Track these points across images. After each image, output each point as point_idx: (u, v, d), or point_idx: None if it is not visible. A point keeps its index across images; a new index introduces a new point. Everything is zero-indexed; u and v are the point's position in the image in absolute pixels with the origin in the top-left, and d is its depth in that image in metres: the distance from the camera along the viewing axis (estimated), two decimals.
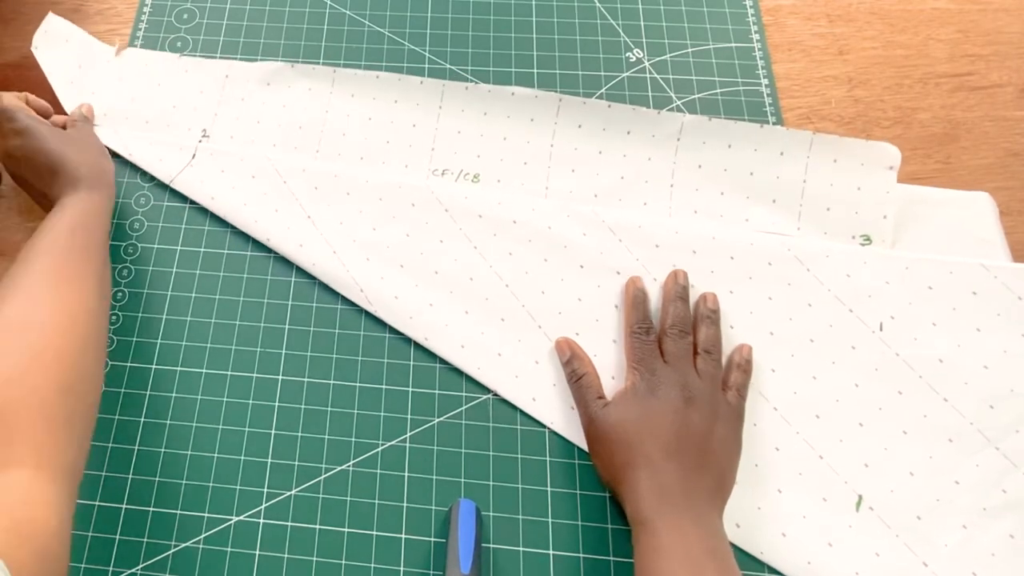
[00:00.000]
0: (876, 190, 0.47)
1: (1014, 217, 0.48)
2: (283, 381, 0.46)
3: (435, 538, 0.41)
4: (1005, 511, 0.40)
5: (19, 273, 0.39)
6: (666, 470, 0.38)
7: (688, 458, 0.38)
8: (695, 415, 0.39)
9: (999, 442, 0.41)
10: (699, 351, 0.43)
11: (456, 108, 0.52)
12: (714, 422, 0.40)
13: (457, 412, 0.45)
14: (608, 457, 0.40)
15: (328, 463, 0.43)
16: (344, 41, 0.56)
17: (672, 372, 0.41)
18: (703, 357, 0.42)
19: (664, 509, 0.37)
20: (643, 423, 0.40)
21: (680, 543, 0.35)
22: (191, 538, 0.42)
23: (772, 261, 0.46)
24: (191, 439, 0.44)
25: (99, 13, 0.59)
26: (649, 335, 0.43)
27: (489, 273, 0.47)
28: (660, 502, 0.37)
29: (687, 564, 0.35)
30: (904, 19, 0.56)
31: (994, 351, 0.43)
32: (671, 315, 0.44)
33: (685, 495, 0.37)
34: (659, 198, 0.49)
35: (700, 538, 0.36)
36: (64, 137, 0.48)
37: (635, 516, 0.37)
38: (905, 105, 0.53)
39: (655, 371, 0.41)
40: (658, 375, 0.41)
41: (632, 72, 0.54)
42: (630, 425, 0.40)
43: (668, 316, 0.44)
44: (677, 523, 0.36)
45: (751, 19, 0.56)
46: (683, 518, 0.36)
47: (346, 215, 0.49)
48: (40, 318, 0.37)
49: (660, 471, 0.38)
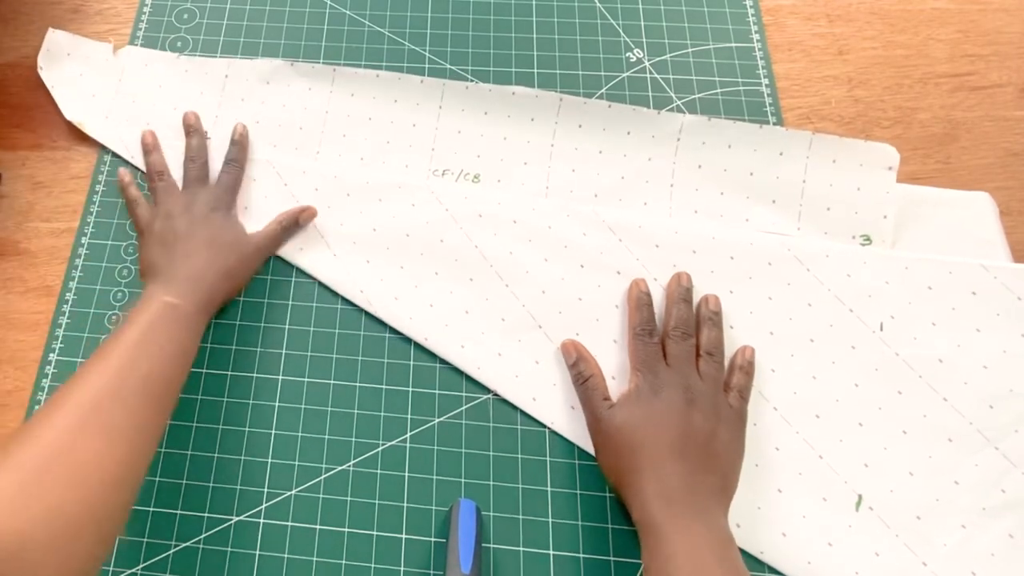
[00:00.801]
0: (876, 190, 0.47)
1: (1014, 217, 0.48)
2: (283, 381, 0.46)
3: (435, 538, 0.41)
4: (1004, 511, 0.40)
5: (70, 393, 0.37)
6: (671, 472, 0.38)
7: (693, 459, 0.38)
8: (698, 417, 0.39)
9: (998, 442, 0.41)
10: (701, 353, 0.43)
11: (456, 107, 0.52)
12: (717, 424, 0.40)
13: (457, 412, 0.45)
14: (614, 460, 0.40)
15: (328, 463, 0.43)
16: (344, 41, 0.56)
17: (675, 374, 0.41)
18: (705, 359, 0.42)
19: (672, 512, 0.37)
20: (647, 425, 0.40)
21: (689, 546, 0.35)
22: (191, 538, 0.42)
23: (772, 261, 0.47)
24: (191, 439, 0.44)
25: (99, 13, 0.59)
26: (652, 337, 0.43)
27: (489, 273, 0.47)
28: (667, 505, 0.37)
29: (697, 568, 0.34)
30: (904, 19, 0.56)
31: (994, 351, 0.43)
32: (674, 317, 0.44)
33: (691, 496, 0.37)
34: (659, 198, 0.49)
35: (708, 541, 0.36)
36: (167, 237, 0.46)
37: (642, 520, 0.37)
38: (905, 105, 0.53)
39: (658, 373, 0.41)
40: (661, 377, 0.41)
41: (632, 72, 0.54)
42: (634, 427, 0.40)
43: (671, 318, 0.44)
44: (685, 526, 0.36)
45: (751, 19, 0.56)
46: (691, 521, 0.36)
47: (346, 216, 0.49)
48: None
49: (665, 473, 0.38)
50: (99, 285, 0.49)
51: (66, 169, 0.53)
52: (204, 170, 0.50)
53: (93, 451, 0.34)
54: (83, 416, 0.35)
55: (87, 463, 0.34)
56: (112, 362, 0.38)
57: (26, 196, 0.52)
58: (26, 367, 0.47)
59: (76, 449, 0.34)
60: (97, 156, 0.53)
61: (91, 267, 0.49)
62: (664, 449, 0.39)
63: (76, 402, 0.36)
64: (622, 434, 0.40)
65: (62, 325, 0.48)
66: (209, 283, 0.44)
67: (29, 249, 0.51)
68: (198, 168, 0.50)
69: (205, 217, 0.47)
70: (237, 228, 0.48)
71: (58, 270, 0.50)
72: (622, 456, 0.40)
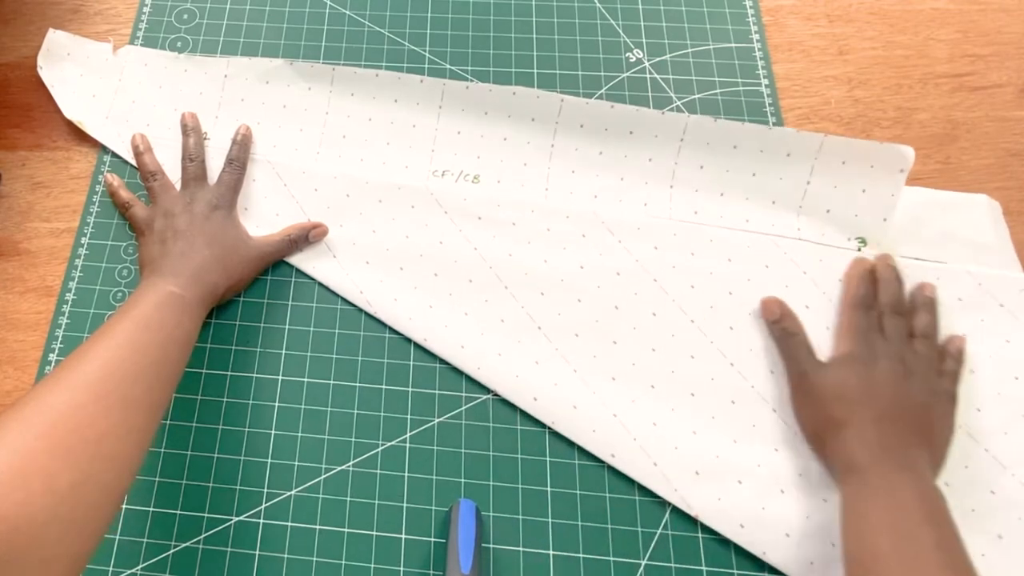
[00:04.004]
0: (881, 193, 0.46)
1: (1014, 217, 0.48)
2: (283, 381, 0.46)
3: (435, 538, 0.41)
4: (994, 512, 0.40)
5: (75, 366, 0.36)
6: (885, 432, 0.38)
7: (905, 426, 0.39)
8: (914, 389, 0.40)
9: (988, 444, 0.42)
10: (916, 335, 0.43)
11: (456, 108, 0.52)
12: (932, 398, 0.41)
13: (457, 412, 0.45)
14: (821, 411, 0.41)
15: (328, 463, 0.43)
16: (344, 41, 0.56)
17: (891, 346, 0.42)
18: (920, 340, 0.43)
19: (881, 458, 0.37)
20: (863, 387, 0.40)
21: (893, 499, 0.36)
22: (191, 538, 0.42)
23: (769, 264, 0.47)
24: (191, 439, 0.44)
25: (99, 13, 0.59)
26: (871, 310, 0.44)
27: (488, 274, 0.47)
28: (878, 452, 0.38)
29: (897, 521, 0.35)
30: (904, 19, 0.56)
31: (981, 356, 0.44)
32: (889, 294, 0.44)
33: (903, 452, 0.38)
34: (659, 199, 0.49)
35: (915, 495, 0.36)
36: (167, 236, 0.46)
37: (848, 464, 0.38)
38: (905, 105, 0.53)
39: (874, 344, 0.42)
40: (877, 347, 0.42)
41: (632, 72, 0.54)
42: (850, 386, 0.41)
43: (886, 295, 0.44)
44: (892, 474, 0.37)
45: (751, 19, 0.56)
46: (898, 472, 0.37)
47: (346, 217, 0.49)
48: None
49: (879, 430, 0.39)
50: (99, 285, 0.49)
51: (66, 169, 0.53)
52: (202, 169, 0.50)
53: (107, 426, 0.34)
54: (93, 391, 0.35)
55: (103, 438, 0.33)
56: (121, 339, 0.38)
57: (26, 196, 0.52)
58: (26, 367, 0.47)
59: (93, 424, 0.33)
60: (97, 156, 0.53)
61: (91, 267, 0.50)
62: (879, 410, 0.39)
63: (87, 377, 0.35)
64: (836, 389, 0.41)
65: (62, 325, 0.48)
66: (210, 280, 0.44)
67: (29, 249, 0.51)
68: (196, 167, 0.50)
69: (206, 216, 0.47)
70: (239, 229, 0.48)
71: (58, 270, 0.50)
72: (834, 408, 0.40)
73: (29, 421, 0.33)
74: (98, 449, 0.33)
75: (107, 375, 0.36)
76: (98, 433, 0.33)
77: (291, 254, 0.49)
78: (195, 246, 0.45)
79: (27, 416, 0.33)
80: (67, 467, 0.31)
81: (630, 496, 0.42)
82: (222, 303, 0.47)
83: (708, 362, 0.45)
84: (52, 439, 0.32)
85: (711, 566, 0.40)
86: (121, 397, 0.35)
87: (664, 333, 0.45)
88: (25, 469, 0.30)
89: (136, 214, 0.49)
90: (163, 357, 0.39)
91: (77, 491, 0.31)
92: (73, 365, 0.36)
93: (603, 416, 0.43)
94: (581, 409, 0.44)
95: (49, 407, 0.33)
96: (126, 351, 0.37)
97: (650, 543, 0.41)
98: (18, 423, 0.32)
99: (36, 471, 0.31)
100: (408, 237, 0.49)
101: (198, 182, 0.49)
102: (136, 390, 0.36)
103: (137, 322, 0.39)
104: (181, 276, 0.43)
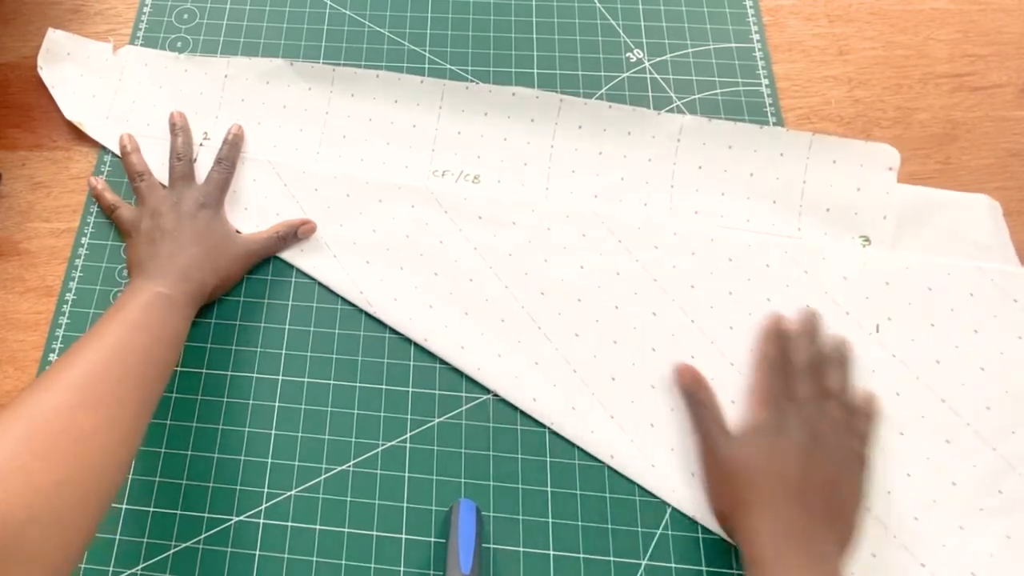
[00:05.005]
0: (876, 191, 0.47)
1: (1014, 217, 0.48)
2: (283, 381, 0.46)
3: (435, 538, 0.41)
4: (1002, 512, 0.40)
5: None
6: (789, 513, 0.37)
7: (812, 503, 0.37)
8: (823, 460, 0.38)
9: (996, 443, 0.41)
10: (828, 394, 0.41)
11: (456, 108, 0.52)
12: (840, 470, 0.39)
13: (457, 412, 0.45)
14: (728, 492, 0.40)
15: (328, 463, 0.43)
16: (344, 41, 0.56)
17: (802, 411, 0.40)
18: (832, 400, 0.41)
19: (785, 551, 0.36)
20: (769, 461, 0.39)
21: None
22: (191, 538, 0.42)
23: (770, 263, 0.47)
24: (191, 439, 0.44)
25: (99, 13, 0.59)
26: (783, 371, 0.42)
27: (489, 274, 0.47)
28: (782, 543, 0.36)
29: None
30: (904, 19, 0.56)
31: (991, 353, 0.43)
32: (804, 354, 0.43)
33: (807, 539, 0.36)
34: (659, 199, 0.49)
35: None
36: (153, 236, 0.46)
37: (753, 556, 0.36)
38: (905, 105, 0.53)
39: (784, 410, 0.41)
40: (788, 415, 0.40)
41: (632, 72, 0.54)
42: (755, 462, 0.39)
43: (800, 355, 0.43)
44: (798, 566, 0.35)
45: (751, 19, 0.56)
46: (805, 564, 0.35)
47: (346, 217, 0.49)
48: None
49: (784, 513, 0.37)
50: (99, 285, 0.49)
51: (66, 169, 0.53)
52: (189, 168, 0.50)
53: (91, 425, 0.34)
54: (82, 391, 0.35)
55: (88, 438, 0.34)
56: (109, 340, 0.38)
57: (26, 196, 0.52)
58: (26, 367, 0.47)
59: (76, 424, 0.34)
60: (97, 156, 0.53)
61: (91, 267, 0.50)
62: (785, 487, 0.37)
63: (74, 378, 0.35)
64: (741, 466, 0.39)
65: (62, 325, 0.48)
66: (198, 278, 0.44)
67: (29, 249, 0.51)
68: (184, 166, 0.50)
69: (193, 214, 0.47)
70: (226, 227, 0.48)
71: (58, 270, 0.50)
72: (738, 489, 0.39)
73: (12, 423, 0.33)
74: (82, 448, 0.33)
75: (93, 376, 0.36)
76: (82, 432, 0.33)
77: (280, 251, 0.49)
78: (182, 245, 0.45)
79: (10, 418, 0.33)
80: (49, 466, 0.31)
81: (630, 496, 0.42)
82: (212, 300, 0.47)
83: (708, 362, 0.44)
84: (34, 439, 0.32)
85: (711, 566, 0.40)
86: (107, 396, 0.35)
87: (664, 333, 0.45)
88: (4, 468, 0.31)
89: (122, 215, 0.49)
90: (150, 357, 0.39)
91: (60, 490, 0.31)
92: (60, 367, 0.36)
93: (602, 418, 0.43)
94: (580, 411, 0.44)
95: (33, 408, 0.34)
96: (113, 352, 0.37)
97: (650, 543, 0.41)
98: (0, 425, 0.32)
99: (16, 470, 0.31)
100: (408, 237, 0.49)
101: (185, 181, 0.49)
102: (122, 389, 0.36)
103: (124, 323, 0.39)
104: (169, 276, 0.43)
